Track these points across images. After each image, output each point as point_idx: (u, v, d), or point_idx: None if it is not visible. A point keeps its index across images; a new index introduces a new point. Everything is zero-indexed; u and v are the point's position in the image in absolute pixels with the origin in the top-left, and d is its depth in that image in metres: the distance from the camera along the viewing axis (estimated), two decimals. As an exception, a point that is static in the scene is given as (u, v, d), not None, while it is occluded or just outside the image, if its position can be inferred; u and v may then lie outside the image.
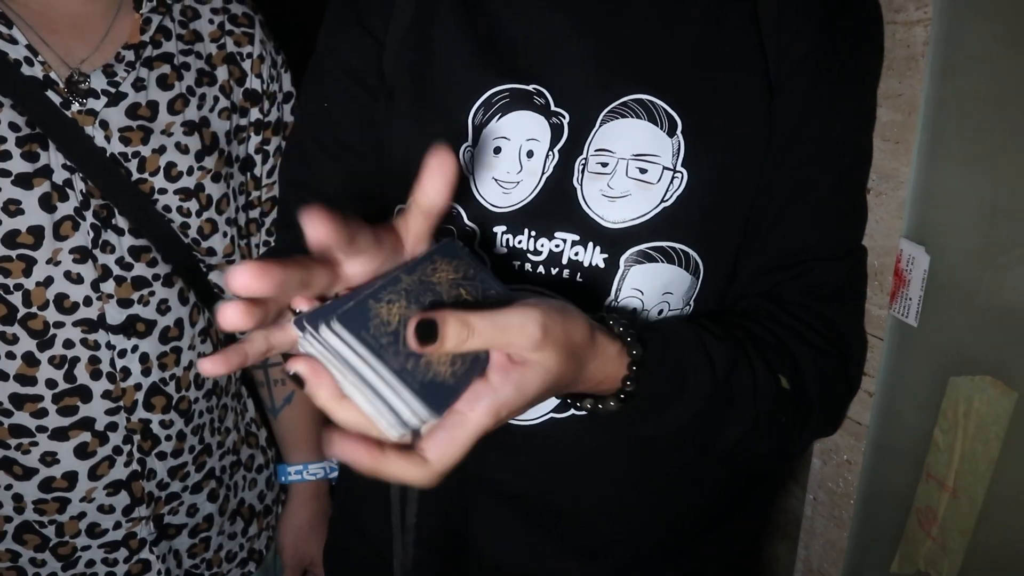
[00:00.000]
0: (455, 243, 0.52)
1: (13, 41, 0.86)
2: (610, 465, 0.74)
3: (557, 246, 0.69)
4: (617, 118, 0.68)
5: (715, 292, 0.72)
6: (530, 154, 0.69)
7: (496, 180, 0.70)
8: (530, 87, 0.69)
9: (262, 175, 1.06)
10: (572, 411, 0.72)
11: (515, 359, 0.47)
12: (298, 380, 0.45)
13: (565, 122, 0.69)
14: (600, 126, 0.68)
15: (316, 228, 0.41)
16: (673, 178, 0.67)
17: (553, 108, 0.69)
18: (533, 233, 0.69)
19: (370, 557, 0.84)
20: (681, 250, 0.68)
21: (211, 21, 0.99)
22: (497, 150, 0.70)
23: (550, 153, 0.69)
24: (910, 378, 0.89)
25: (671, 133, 0.67)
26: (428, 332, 0.41)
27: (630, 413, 0.59)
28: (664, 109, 0.67)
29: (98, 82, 0.89)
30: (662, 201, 0.67)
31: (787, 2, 0.68)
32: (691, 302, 0.71)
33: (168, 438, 0.98)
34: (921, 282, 0.84)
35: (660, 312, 0.70)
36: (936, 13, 0.82)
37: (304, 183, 0.80)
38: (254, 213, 1.06)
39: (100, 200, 0.90)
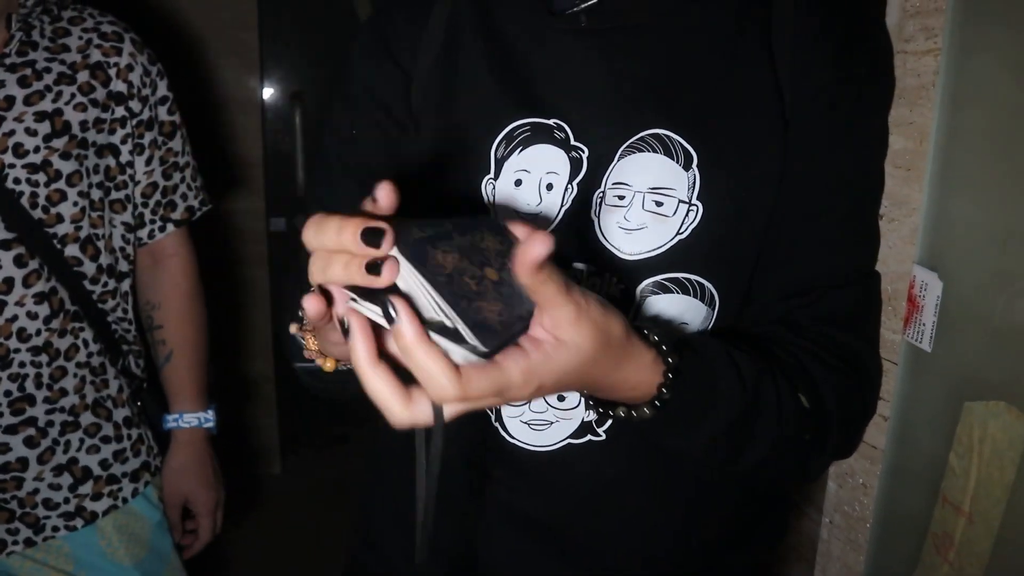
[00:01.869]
0: (500, 222, 0.53)
1: None
2: (626, 491, 0.75)
3: (574, 277, 0.70)
4: (634, 152, 0.69)
5: (730, 322, 0.73)
6: (549, 187, 0.71)
7: (516, 212, 0.71)
8: (551, 121, 0.71)
9: (136, 163, 1.26)
10: (590, 437, 0.73)
11: (550, 332, 0.48)
12: (344, 330, 0.46)
13: (584, 156, 0.70)
14: (618, 160, 0.70)
15: (387, 197, 0.46)
16: (689, 211, 0.68)
17: (572, 143, 0.71)
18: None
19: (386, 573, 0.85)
20: (696, 281, 0.69)
21: (80, 37, 1.20)
22: (518, 182, 0.71)
23: (569, 186, 0.70)
24: (925, 402, 0.90)
25: (687, 167, 0.68)
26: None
27: (662, 422, 0.60)
28: (680, 143, 0.68)
29: None
30: (678, 233, 0.68)
31: (801, 37, 0.70)
32: (711, 333, 0.72)
33: None
34: (935, 308, 0.85)
35: None
36: (946, 44, 0.83)
37: (330, 207, 0.82)
38: (119, 194, 1.25)
39: None
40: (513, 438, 0.75)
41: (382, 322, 0.47)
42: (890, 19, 0.89)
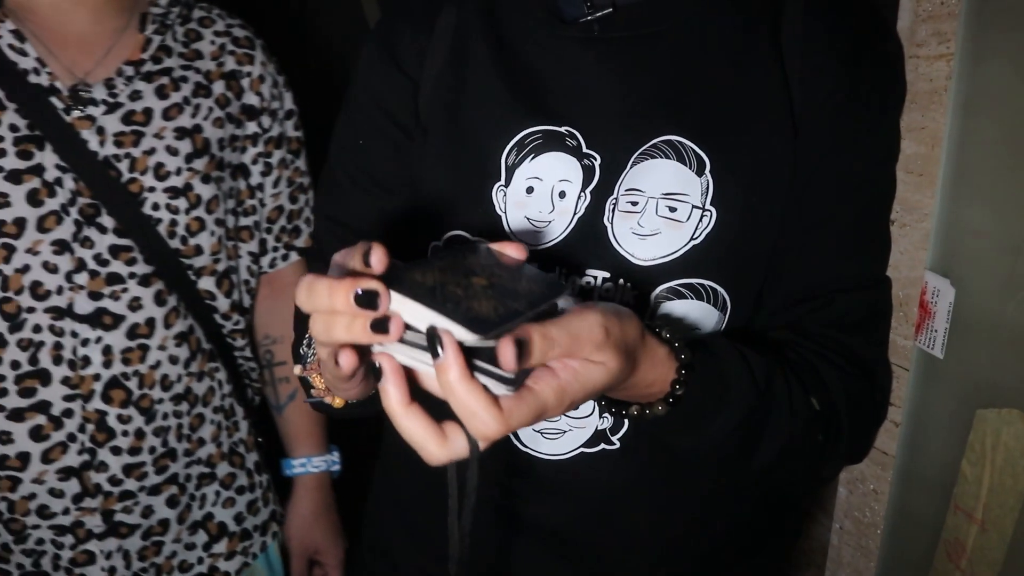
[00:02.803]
0: (481, 244, 0.54)
1: (24, 54, 0.96)
2: (640, 500, 0.75)
3: (588, 283, 0.70)
4: (647, 159, 0.69)
5: (741, 327, 0.72)
6: (562, 195, 0.70)
7: (528, 219, 0.71)
8: (562, 129, 0.71)
9: (265, 185, 1.13)
10: (603, 445, 0.73)
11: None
12: (376, 373, 0.47)
13: (597, 164, 0.70)
14: (631, 167, 0.69)
15: (379, 262, 0.45)
16: (702, 216, 0.68)
17: (585, 150, 0.71)
18: (564, 271, 0.70)
19: None
20: (709, 286, 0.69)
21: (212, 42, 1.08)
22: (530, 190, 0.71)
23: (582, 194, 0.70)
24: (936, 409, 0.89)
25: (700, 173, 0.68)
26: (521, 347, 0.44)
27: (675, 420, 0.60)
28: (693, 149, 0.68)
29: (99, 92, 0.98)
30: (691, 239, 0.68)
31: (810, 43, 0.69)
32: (719, 335, 0.72)
33: (125, 433, 0.99)
34: (947, 314, 0.85)
35: None
36: (958, 48, 0.83)
37: (337, 218, 0.81)
38: (247, 220, 1.12)
39: (88, 199, 0.96)
40: (526, 447, 0.74)
41: (413, 363, 0.47)
42: (902, 23, 0.89)
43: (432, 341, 0.45)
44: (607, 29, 0.71)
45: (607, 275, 0.69)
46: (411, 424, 0.46)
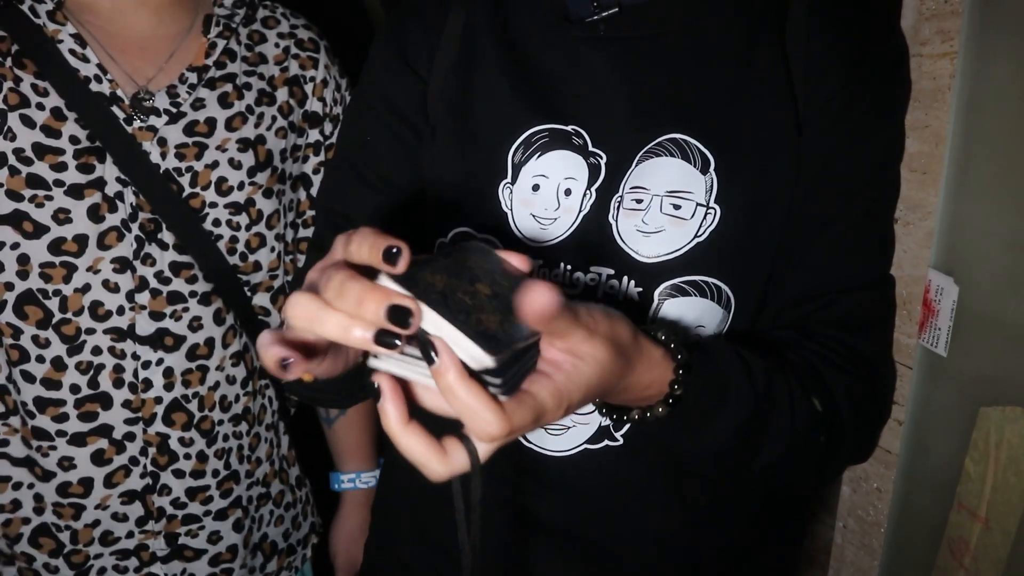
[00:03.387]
0: (483, 245, 0.53)
1: (85, 60, 0.91)
2: (644, 496, 0.75)
3: (592, 280, 0.70)
4: (652, 157, 0.69)
5: (745, 325, 0.72)
6: (568, 192, 0.71)
7: (534, 216, 0.71)
8: (569, 127, 0.71)
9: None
10: (607, 442, 0.73)
11: (567, 352, 0.49)
12: (375, 392, 0.46)
13: (602, 162, 0.70)
14: (636, 165, 0.70)
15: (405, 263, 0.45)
16: (706, 214, 0.68)
17: (591, 148, 0.71)
18: (569, 268, 0.70)
19: None
20: (713, 284, 0.69)
21: (276, 45, 1.02)
22: (536, 188, 0.71)
23: (587, 192, 0.70)
24: (940, 407, 0.89)
25: (704, 171, 0.68)
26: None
27: (676, 422, 0.60)
28: (697, 148, 0.68)
29: (161, 101, 0.93)
30: (695, 236, 0.68)
31: (815, 42, 0.70)
32: (722, 335, 0.72)
33: (187, 456, 0.97)
34: (950, 312, 0.85)
35: None
36: (962, 47, 0.83)
37: (339, 211, 0.82)
38: (307, 232, 1.06)
39: (149, 214, 0.92)
40: (530, 443, 0.74)
41: (410, 375, 0.46)
42: (906, 22, 0.89)
43: (425, 348, 0.44)
44: (613, 29, 0.71)
45: (611, 272, 0.70)
46: (411, 442, 0.46)
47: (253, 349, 1.02)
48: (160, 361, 0.94)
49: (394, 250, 0.44)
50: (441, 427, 0.48)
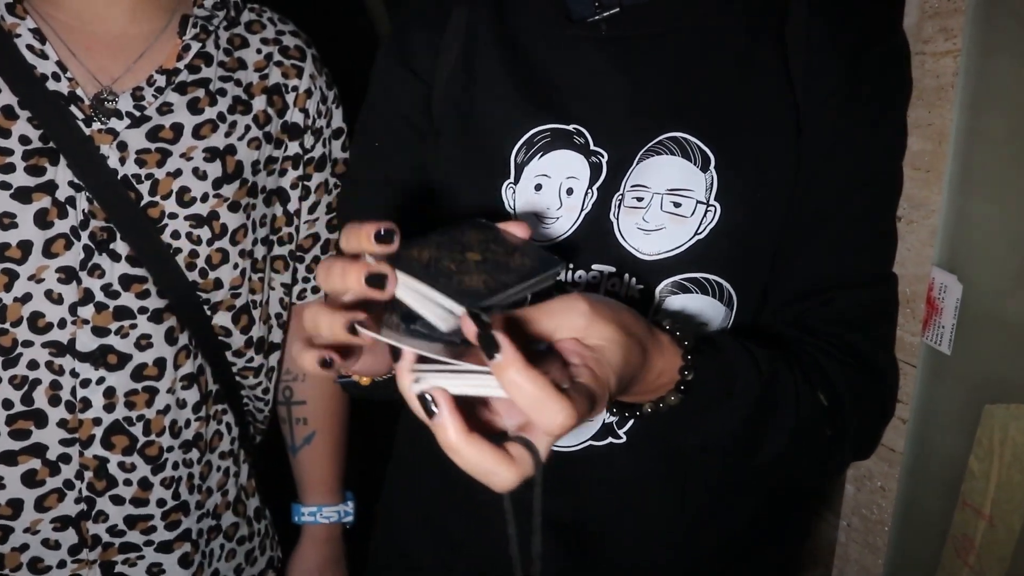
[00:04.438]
0: (484, 220, 0.55)
1: (44, 56, 0.86)
2: (647, 493, 0.75)
3: (594, 278, 0.70)
4: (653, 156, 0.70)
5: (747, 322, 0.73)
6: (570, 191, 0.71)
7: (536, 216, 0.72)
8: (570, 127, 0.72)
9: (301, 210, 1.02)
10: (611, 439, 0.73)
11: (591, 339, 0.49)
12: (428, 410, 0.45)
13: (604, 161, 0.71)
14: (637, 164, 0.70)
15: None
16: (707, 212, 0.68)
17: (592, 148, 0.71)
18: (571, 266, 0.71)
19: None
20: (715, 281, 0.69)
21: (259, 51, 0.97)
22: (538, 187, 0.72)
23: (589, 191, 0.71)
24: (944, 405, 0.89)
25: (704, 169, 0.69)
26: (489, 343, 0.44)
27: (685, 412, 0.60)
28: (698, 146, 0.69)
29: (124, 104, 0.88)
30: (696, 234, 0.68)
31: (815, 39, 0.70)
32: (727, 331, 0.72)
33: (127, 482, 0.90)
34: (954, 310, 0.85)
35: None
36: (965, 45, 0.83)
37: (353, 219, 0.83)
38: (282, 249, 1.01)
39: (102, 222, 0.87)
40: None
41: (461, 388, 0.46)
42: (908, 20, 0.89)
43: (488, 344, 0.44)
44: (614, 29, 0.72)
45: (613, 270, 0.70)
46: (475, 452, 0.44)
47: (209, 371, 0.96)
48: (101, 380, 0.88)
49: (382, 232, 0.49)
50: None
